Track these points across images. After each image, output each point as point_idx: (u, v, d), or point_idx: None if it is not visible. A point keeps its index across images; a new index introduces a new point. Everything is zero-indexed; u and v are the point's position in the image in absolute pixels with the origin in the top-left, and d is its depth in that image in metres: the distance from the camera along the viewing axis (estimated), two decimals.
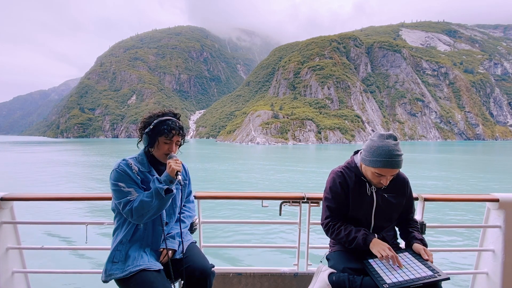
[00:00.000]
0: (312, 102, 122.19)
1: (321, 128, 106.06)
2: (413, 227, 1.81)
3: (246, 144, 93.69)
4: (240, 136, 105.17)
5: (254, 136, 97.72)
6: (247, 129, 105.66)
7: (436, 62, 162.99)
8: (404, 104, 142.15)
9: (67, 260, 6.28)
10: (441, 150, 64.74)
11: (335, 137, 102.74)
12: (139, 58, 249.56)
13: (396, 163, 1.58)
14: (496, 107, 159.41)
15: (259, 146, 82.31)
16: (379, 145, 1.61)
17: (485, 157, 44.03)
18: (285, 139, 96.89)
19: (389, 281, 1.46)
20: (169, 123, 1.70)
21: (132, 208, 1.58)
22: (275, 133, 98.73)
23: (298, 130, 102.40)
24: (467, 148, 70.61)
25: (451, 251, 5.24)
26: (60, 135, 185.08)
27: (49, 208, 10.84)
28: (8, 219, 2.10)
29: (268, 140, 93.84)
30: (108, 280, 1.61)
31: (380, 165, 1.59)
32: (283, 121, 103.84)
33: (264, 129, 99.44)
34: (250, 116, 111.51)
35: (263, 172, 24.45)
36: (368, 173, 1.70)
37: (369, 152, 1.64)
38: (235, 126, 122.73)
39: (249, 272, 2.16)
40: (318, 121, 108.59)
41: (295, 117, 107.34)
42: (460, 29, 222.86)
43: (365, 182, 1.75)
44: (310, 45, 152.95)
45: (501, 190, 14.06)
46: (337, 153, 55.25)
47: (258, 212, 10.19)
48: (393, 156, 1.57)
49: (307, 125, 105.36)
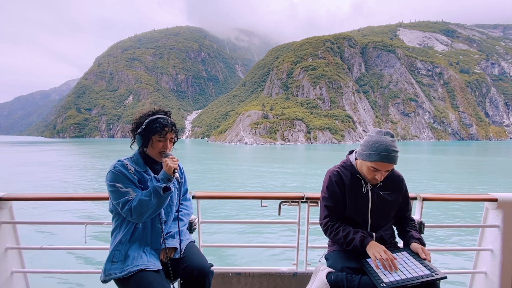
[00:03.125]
0: (304, 102, 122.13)
1: (310, 128, 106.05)
2: (410, 226, 1.81)
3: (234, 144, 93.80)
4: (230, 136, 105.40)
5: (243, 136, 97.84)
6: (237, 129, 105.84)
7: (431, 62, 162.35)
8: (397, 104, 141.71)
9: (66, 260, 6.30)
10: (433, 150, 64.20)
11: (324, 137, 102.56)
12: (136, 58, 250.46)
13: (392, 158, 1.61)
14: (492, 107, 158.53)
15: (247, 146, 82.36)
16: (377, 140, 1.65)
17: (478, 158, 43.21)
18: (274, 139, 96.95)
19: (386, 280, 1.47)
20: (161, 121, 1.69)
21: (131, 207, 1.57)
22: (264, 133, 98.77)
23: (288, 130, 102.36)
24: (459, 149, 69.82)
25: (449, 251, 5.24)
26: (56, 135, 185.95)
27: (48, 208, 10.92)
28: (7, 219, 2.09)
29: (256, 140, 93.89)
30: (107, 280, 1.59)
31: (377, 159, 1.62)
32: (272, 121, 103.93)
33: (253, 129, 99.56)
34: (241, 116, 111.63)
35: (229, 172, 24.37)
36: (363, 168, 1.72)
37: (367, 146, 1.68)
38: (227, 126, 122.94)
39: (248, 272, 2.16)
40: (308, 121, 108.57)
41: (285, 117, 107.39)
42: (458, 29, 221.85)
43: (361, 181, 1.76)
44: (304, 45, 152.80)
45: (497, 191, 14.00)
46: (321, 153, 55.27)
47: (257, 212, 10.25)
48: (389, 151, 1.60)
49: (296, 125, 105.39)
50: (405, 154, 48.07)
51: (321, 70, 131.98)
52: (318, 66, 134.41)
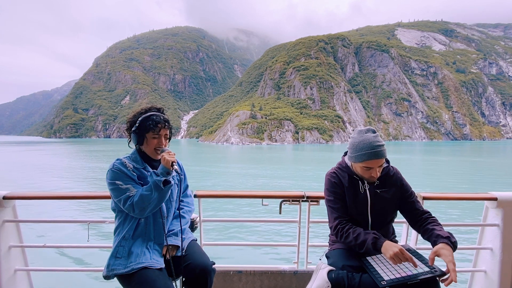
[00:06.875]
0: (294, 103, 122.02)
1: (299, 128, 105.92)
2: (431, 223, 1.70)
3: (221, 144, 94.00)
4: (218, 136, 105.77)
5: (230, 136, 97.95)
6: (225, 129, 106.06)
7: (425, 62, 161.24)
8: (389, 104, 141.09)
9: (69, 258, 6.41)
10: (424, 151, 63.19)
11: (311, 137, 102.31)
12: (134, 58, 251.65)
13: (379, 153, 1.63)
14: (488, 107, 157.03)
15: (233, 146, 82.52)
16: (360, 140, 1.67)
17: (473, 159, 42.23)
18: (261, 139, 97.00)
19: (386, 277, 1.47)
20: (154, 118, 1.71)
21: (133, 202, 1.59)
22: (251, 133, 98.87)
23: (276, 130, 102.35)
24: (452, 149, 68.55)
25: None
26: (53, 135, 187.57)
27: (51, 207, 11.07)
28: (11, 217, 2.12)
29: (243, 140, 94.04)
30: (110, 275, 1.60)
31: (365, 158, 1.63)
32: (260, 121, 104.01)
33: (240, 129, 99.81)
34: (231, 116, 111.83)
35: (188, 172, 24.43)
36: (357, 169, 1.74)
37: (352, 148, 1.71)
38: (218, 126, 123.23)
39: (249, 270, 2.18)
40: (297, 121, 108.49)
41: (274, 117, 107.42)
42: (457, 28, 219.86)
43: (358, 181, 1.77)
44: (298, 45, 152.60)
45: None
46: (303, 153, 55.02)
47: (258, 210, 10.39)
48: (375, 147, 1.62)
49: (285, 125, 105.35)
50: (396, 154, 47.00)
51: (313, 70, 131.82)
52: (310, 66, 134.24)
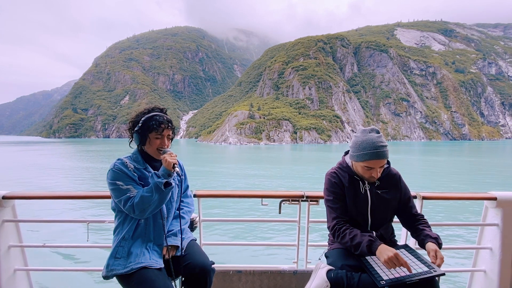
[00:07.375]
0: (293, 103, 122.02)
1: (297, 128, 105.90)
2: (423, 224, 1.75)
3: (219, 144, 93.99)
4: (216, 136, 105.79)
5: (228, 136, 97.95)
6: (223, 129, 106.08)
7: (424, 62, 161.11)
8: (388, 104, 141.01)
9: (69, 258, 6.43)
10: (423, 151, 63.01)
11: (310, 137, 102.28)
12: (134, 58, 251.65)
13: (382, 154, 1.62)
14: (487, 107, 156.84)
15: (231, 146, 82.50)
16: (363, 139, 1.66)
17: (474, 159, 41.49)
18: (259, 139, 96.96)
19: (385, 277, 1.48)
20: (157, 118, 1.72)
21: (133, 204, 1.59)
22: (250, 133, 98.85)
23: (274, 130, 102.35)
24: (451, 149, 68.26)
25: (449, 249, 5.33)
26: (53, 135, 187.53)
27: (51, 207, 11.06)
28: (10, 217, 2.12)
29: (240, 140, 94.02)
30: (109, 276, 1.59)
31: (367, 158, 1.63)
32: (258, 121, 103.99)
33: (239, 129, 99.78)
34: (230, 116, 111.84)
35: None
36: (358, 168, 1.73)
37: (355, 147, 1.70)
38: (216, 126, 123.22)
39: (249, 270, 2.18)
40: (295, 121, 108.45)
41: (272, 117, 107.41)
42: (457, 28, 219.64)
43: (358, 181, 1.77)
44: (297, 45, 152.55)
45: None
46: (301, 153, 54.99)
47: (257, 210, 10.39)
48: (377, 148, 1.61)
49: (283, 125, 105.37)
50: (394, 155, 46.56)
51: (311, 70, 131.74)
52: (309, 66, 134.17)
